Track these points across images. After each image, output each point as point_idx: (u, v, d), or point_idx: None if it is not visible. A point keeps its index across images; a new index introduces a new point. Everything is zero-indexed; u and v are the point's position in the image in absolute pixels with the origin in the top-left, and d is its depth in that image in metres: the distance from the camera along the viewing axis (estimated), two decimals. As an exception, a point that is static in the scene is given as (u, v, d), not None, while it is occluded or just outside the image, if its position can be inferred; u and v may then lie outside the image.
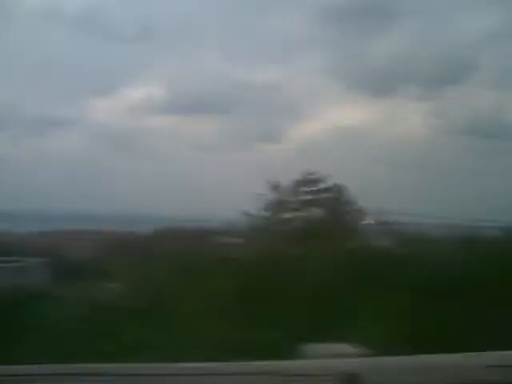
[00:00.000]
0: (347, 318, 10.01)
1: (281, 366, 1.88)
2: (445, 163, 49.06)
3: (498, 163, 50.43)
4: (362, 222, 27.72)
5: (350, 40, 64.00)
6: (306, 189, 19.06)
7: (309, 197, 18.89)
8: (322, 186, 19.12)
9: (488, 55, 67.77)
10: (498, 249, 13.48)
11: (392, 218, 25.77)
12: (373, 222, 26.81)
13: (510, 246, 13.82)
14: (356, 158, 50.33)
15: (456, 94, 63.06)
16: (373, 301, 10.54)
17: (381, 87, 63.57)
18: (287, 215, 18.51)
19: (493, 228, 18.94)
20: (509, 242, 14.88)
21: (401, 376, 1.56)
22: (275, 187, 17.93)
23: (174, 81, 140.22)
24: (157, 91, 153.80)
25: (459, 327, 9.66)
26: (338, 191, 25.66)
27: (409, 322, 9.89)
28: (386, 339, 8.00)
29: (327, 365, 1.66)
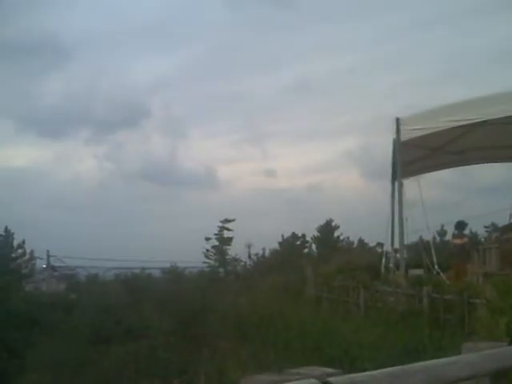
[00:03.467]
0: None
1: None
2: (119, 207, 49.96)
3: (170, 208, 53.37)
4: (34, 267, 27.28)
5: (19, 78, 61.41)
6: None
7: None
8: None
9: (160, 101, 71.50)
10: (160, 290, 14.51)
11: (66, 262, 25.93)
12: (45, 267, 26.60)
13: (173, 286, 15.04)
14: (26, 200, 47.97)
15: (130, 139, 64.99)
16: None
17: (54, 128, 62.11)
18: None
19: (156, 269, 20.24)
20: (171, 281, 16.09)
21: None
22: None
23: None
24: None
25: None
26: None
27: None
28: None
29: None
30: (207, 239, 25.75)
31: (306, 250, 45.30)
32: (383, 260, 15.76)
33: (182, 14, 65.87)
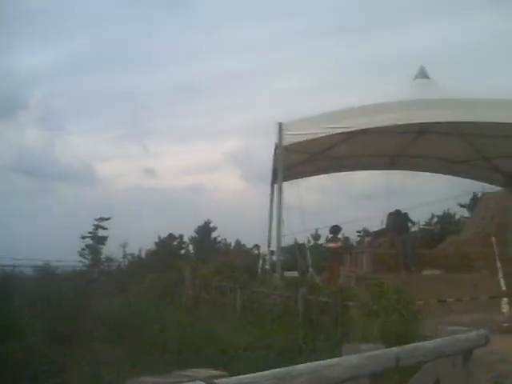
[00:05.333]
0: None
1: None
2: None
3: (47, 203, 51.33)
4: None
5: None
6: None
7: None
8: None
9: (40, 94, 68.63)
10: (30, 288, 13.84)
11: None
12: None
13: (45, 284, 14.37)
14: None
15: (5, 131, 61.87)
16: None
17: None
18: None
19: (28, 267, 19.32)
20: (43, 280, 15.40)
21: None
22: None
23: None
24: None
25: None
26: None
27: None
28: None
29: None
30: (83, 238, 24.96)
31: (182, 251, 45.17)
32: (260, 262, 15.97)
33: (69, 6, 63.63)
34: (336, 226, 17.68)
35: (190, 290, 14.87)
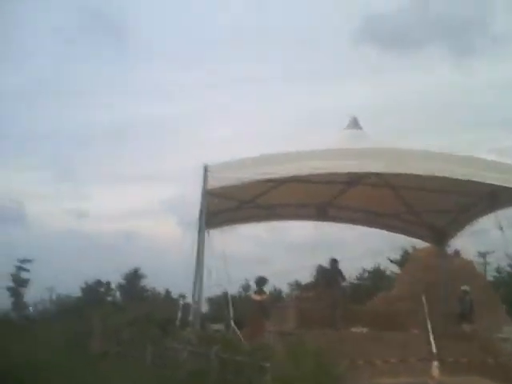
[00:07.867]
0: None
1: None
2: None
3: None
4: None
5: None
6: None
7: None
8: None
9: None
10: None
11: None
12: None
13: None
14: None
15: None
16: None
17: None
18: None
19: None
20: None
21: None
22: None
23: None
24: None
25: None
26: None
27: None
28: None
29: None
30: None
31: (109, 298, 43.42)
32: (179, 313, 14.98)
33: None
34: (262, 277, 16.87)
35: (99, 342, 13.72)
